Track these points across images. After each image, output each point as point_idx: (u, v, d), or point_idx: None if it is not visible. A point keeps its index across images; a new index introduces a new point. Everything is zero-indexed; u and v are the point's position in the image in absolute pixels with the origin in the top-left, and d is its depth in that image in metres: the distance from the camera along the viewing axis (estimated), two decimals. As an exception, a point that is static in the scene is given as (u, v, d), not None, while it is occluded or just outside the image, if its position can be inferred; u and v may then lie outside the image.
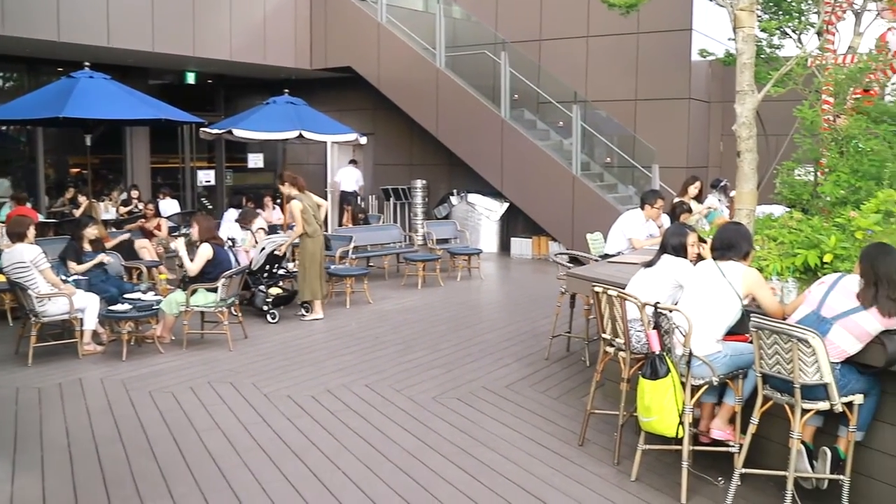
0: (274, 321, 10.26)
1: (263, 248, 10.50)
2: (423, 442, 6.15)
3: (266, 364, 8.31)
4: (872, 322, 4.67)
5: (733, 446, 5.26)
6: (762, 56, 12.27)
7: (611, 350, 5.89)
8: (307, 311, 10.58)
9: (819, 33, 9.31)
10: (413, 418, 6.68)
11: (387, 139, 20.07)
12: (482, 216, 17.53)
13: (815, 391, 4.66)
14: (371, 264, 14.43)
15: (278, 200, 15.03)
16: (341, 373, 7.97)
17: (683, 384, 5.15)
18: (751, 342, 4.95)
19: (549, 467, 5.70)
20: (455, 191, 18.22)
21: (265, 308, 10.38)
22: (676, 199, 10.14)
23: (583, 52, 17.29)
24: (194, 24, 16.52)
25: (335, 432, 6.34)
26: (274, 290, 10.64)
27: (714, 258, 5.43)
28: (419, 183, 18.76)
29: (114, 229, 13.70)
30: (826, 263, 5.69)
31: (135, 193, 16.44)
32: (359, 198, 18.78)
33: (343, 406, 6.97)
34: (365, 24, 18.16)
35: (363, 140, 15.88)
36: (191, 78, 20.03)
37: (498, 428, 6.49)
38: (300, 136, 12.81)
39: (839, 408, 4.70)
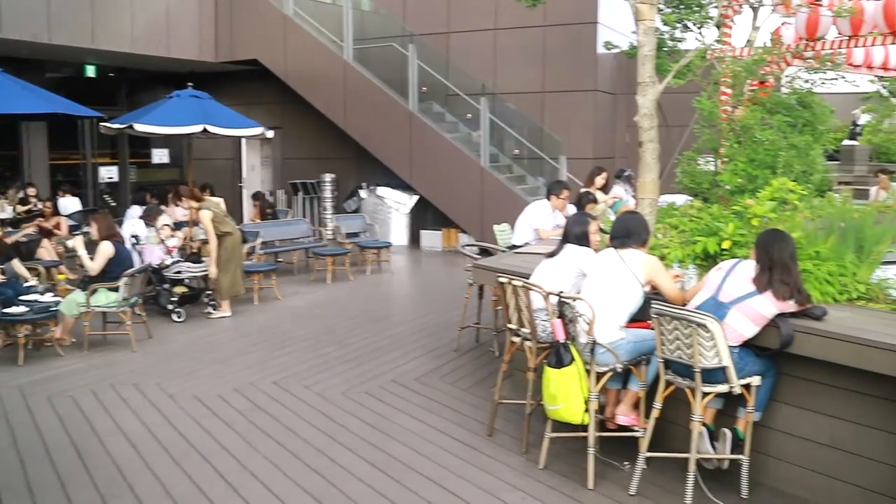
0: (180, 320, 10.04)
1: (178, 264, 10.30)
2: (332, 438, 6.10)
3: (171, 364, 8.12)
4: (768, 306, 4.80)
5: (638, 431, 5.35)
6: (664, 49, 12.51)
7: (517, 340, 5.93)
8: (214, 309, 10.38)
9: (718, 26, 9.51)
10: (322, 414, 6.61)
11: (295, 133, 19.82)
12: (392, 209, 17.48)
13: (714, 374, 4.78)
14: (279, 260, 14.25)
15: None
16: (249, 371, 7.85)
17: (588, 372, 5.22)
18: (652, 329, 5.05)
19: (458, 458, 5.71)
20: (364, 184, 18.13)
21: (170, 307, 10.14)
22: (583, 190, 10.28)
23: (490, 45, 17.38)
24: (93, 14, 15.98)
25: (243, 432, 6.23)
26: (179, 289, 10.40)
27: (614, 247, 5.51)
28: (328, 177, 18.58)
29: (10, 228, 13.18)
30: (725, 250, 5.82)
31: (31, 191, 15.83)
32: (266, 193, 18.51)
33: (251, 405, 6.86)
34: (272, 16, 17.88)
35: (270, 134, 15.61)
36: (91, 71, 19.38)
37: (407, 421, 6.47)
38: (204, 130, 12.52)
39: (738, 390, 4.84)
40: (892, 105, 22.54)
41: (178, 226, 12.77)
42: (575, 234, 6.01)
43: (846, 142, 18.88)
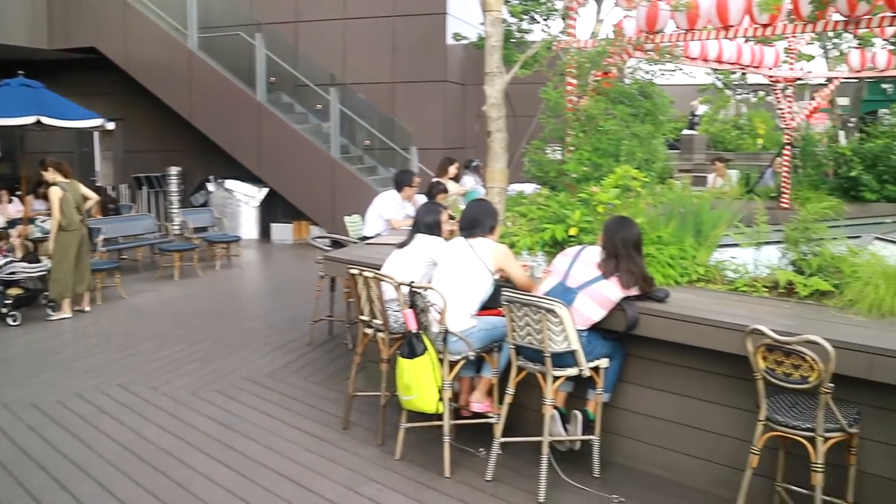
0: (15, 323, 9.45)
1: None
2: (182, 440, 5.88)
3: (7, 371, 7.62)
4: (613, 290, 4.93)
5: (492, 417, 5.39)
6: (511, 40, 12.67)
7: (370, 331, 5.87)
8: (54, 311, 9.84)
9: (563, 18, 9.70)
10: (171, 416, 6.37)
11: (137, 125, 19.04)
12: (241, 203, 17.09)
13: (564, 358, 4.86)
14: (123, 257, 13.66)
15: (17, 192, 13.86)
16: (92, 374, 7.47)
17: (441, 361, 5.22)
18: (503, 316, 5.09)
19: (313, 454, 5.62)
20: (212, 177, 17.62)
21: (4, 310, 9.55)
22: (433, 179, 10.30)
23: (340, 35, 17.21)
24: None
25: (86, 438, 5.92)
26: (14, 291, 9.79)
27: (463, 236, 5.52)
28: (174, 170, 17.93)
29: None
30: (572, 237, 5.94)
31: None
32: (108, 187, 17.75)
33: (94, 409, 6.52)
34: (110, 1, 17.09)
35: (110, 126, 14.93)
36: None
37: (260, 418, 6.32)
38: (38, 122, 11.86)
39: (587, 372, 4.94)
40: (727, 96, 23.69)
41: (11, 224, 12.07)
42: (426, 223, 5.99)
43: (685, 131, 19.71)
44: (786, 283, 5.18)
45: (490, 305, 5.46)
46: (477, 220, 5.53)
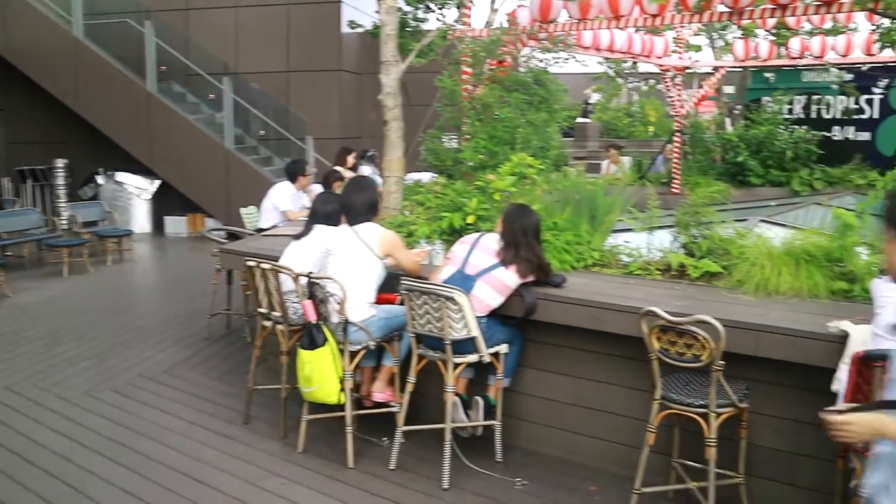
0: None
1: None
2: (76, 441, 5.68)
3: None
4: (512, 277, 4.99)
5: (394, 406, 5.39)
6: (407, 29, 12.68)
7: (269, 324, 5.80)
8: (-69, 311, 9.40)
9: (458, 7, 9.74)
10: (64, 417, 6.15)
11: (20, 115, 18.24)
12: (132, 195, 16.58)
13: (464, 345, 4.89)
14: (8, 253, 13.12)
15: None
16: (-25, 376, 7.16)
17: (342, 351, 5.19)
18: (403, 304, 5.09)
19: (214, 450, 5.52)
20: (101, 170, 17.04)
21: None
22: (332, 168, 10.22)
23: (232, 23, 16.87)
24: None
25: (-31, 445, 5.68)
26: None
27: (348, 224, 5.49)
28: (60, 162, 17.27)
29: None
30: (470, 225, 5.98)
31: None
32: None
33: (-22, 413, 6.26)
34: (-14, -14, 16.35)
35: (-10, 116, 14.37)
36: None
37: (158, 416, 6.17)
38: None
39: (487, 359, 4.98)
40: (619, 85, 24.23)
41: None
42: (323, 213, 5.94)
43: (580, 119, 20.07)
44: (678, 266, 5.34)
45: (386, 289, 5.45)
46: (352, 205, 5.48)
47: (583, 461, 5.25)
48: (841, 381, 3.93)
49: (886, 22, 6.44)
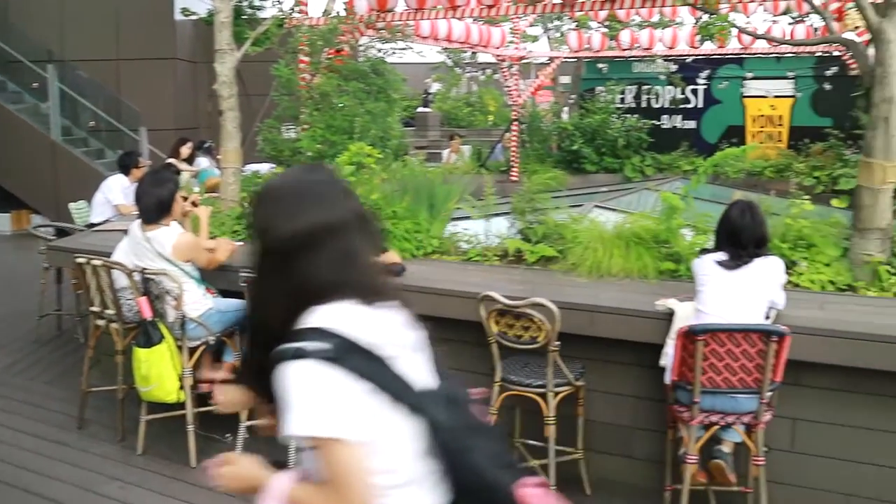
0: None
1: None
2: None
3: None
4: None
5: (237, 401, 5.28)
6: (243, 16, 12.37)
7: (102, 323, 5.56)
8: None
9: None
10: None
11: None
12: (-50, 192, 15.57)
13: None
14: None
15: None
16: None
17: (180, 348, 5.04)
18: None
19: (47, 458, 5.25)
20: (-87, 165, 15.93)
21: None
22: (167, 161, 9.91)
23: (57, 8, 16.02)
24: None
25: None
26: None
27: (142, 224, 5.22)
28: None
29: None
30: (309, 215, 5.92)
31: None
32: None
33: None
34: None
35: None
36: None
37: (-18, 425, 5.82)
38: None
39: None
40: (458, 75, 24.53)
41: None
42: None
43: (420, 109, 20.20)
44: (515, 251, 5.48)
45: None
46: (140, 202, 5.18)
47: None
48: (668, 355, 4.14)
49: (706, 16, 6.80)
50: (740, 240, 4.13)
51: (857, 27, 7.15)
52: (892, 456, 4.28)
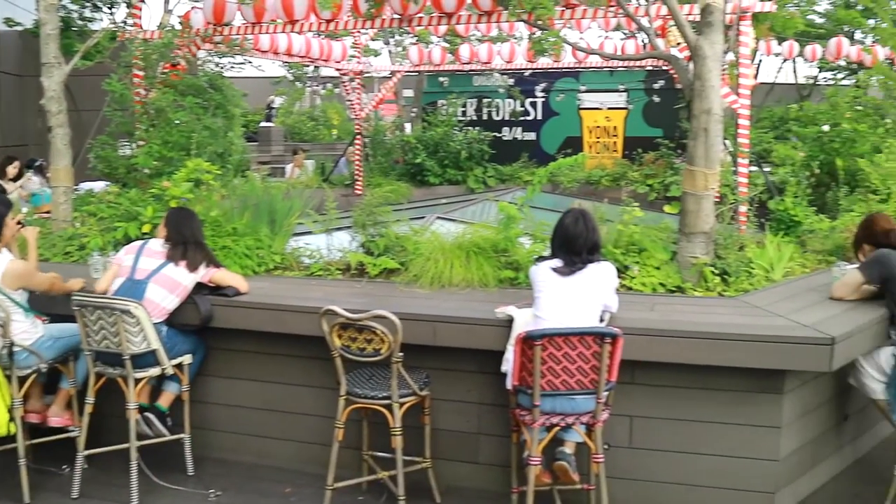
0: None
1: None
2: None
3: None
4: (182, 273, 4.92)
5: (74, 431, 5.06)
6: (73, 28, 11.89)
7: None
8: None
9: (128, 6, 9.29)
10: None
11: None
12: None
13: (145, 359, 4.71)
14: None
15: None
16: None
17: (8, 377, 4.78)
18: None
19: None
20: None
21: None
22: (-8, 182, 9.41)
23: None
24: None
25: None
26: None
27: None
28: None
29: None
30: (146, 234, 5.76)
31: None
32: None
33: None
34: None
35: None
36: None
37: None
38: None
39: (170, 371, 4.83)
40: (301, 89, 24.36)
41: None
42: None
43: (263, 124, 19.94)
44: (357, 265, 5.50)
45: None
46: None
47: (277, 464, 5.24)
48: (509, 361, 4.25)
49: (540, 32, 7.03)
50: (574, 247, 4.29)
51: (678, 43, 7.52)
52: (720, 446, 4.55)
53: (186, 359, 4.95)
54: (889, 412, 4.69)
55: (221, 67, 8.88)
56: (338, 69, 13.57)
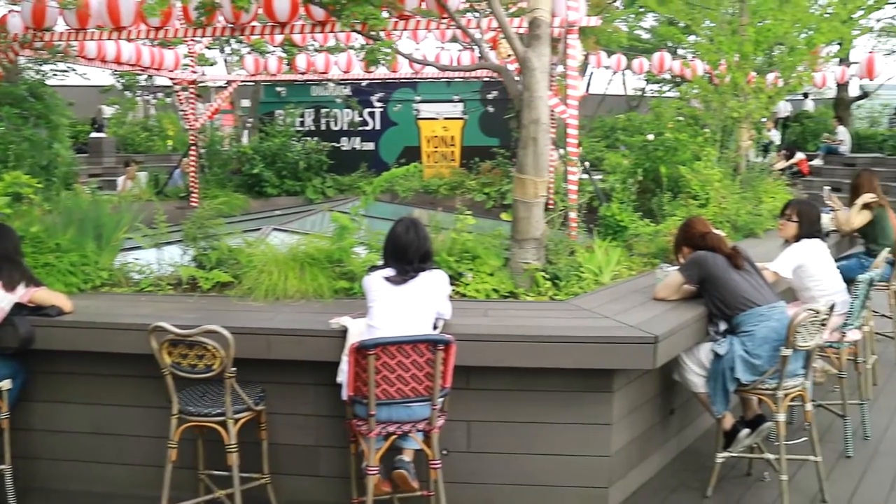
0: None
1: None
2: None
3: None
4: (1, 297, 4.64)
5: None
6: None
7: None
8: None
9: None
10: None
11: None
12: None
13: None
14: None
15: None
16: None
17: None
18: None
19: None
20: None
21: None
22: None
23: None
24: None
25: None
26: None
27: None
28: None
29: None
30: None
31: None
32: None
33: None
34: None
35: None
36: None
37: None
38: None
39: (-11, 397, 4.58)
40: (134, 99, 23.54)
41: None
42: None
43: (93, 134, 19.11)
44: (189, 279, 5.37)
45: None
46: None
47: (110, 490, 5.03)
48: (344, 372, 4.25)
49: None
50: (406, 255, 4.34)
51: (509, 55, 7.73)
52: (554, 445, 4.71)
53: (5, 384, 4.67)
54: (710, 404, 4.94)
55: (43, 75, 8.48)
56: (171, 78, 13.21)
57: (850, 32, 11.12)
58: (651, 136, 9.94)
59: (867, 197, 7.41)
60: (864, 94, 23.95)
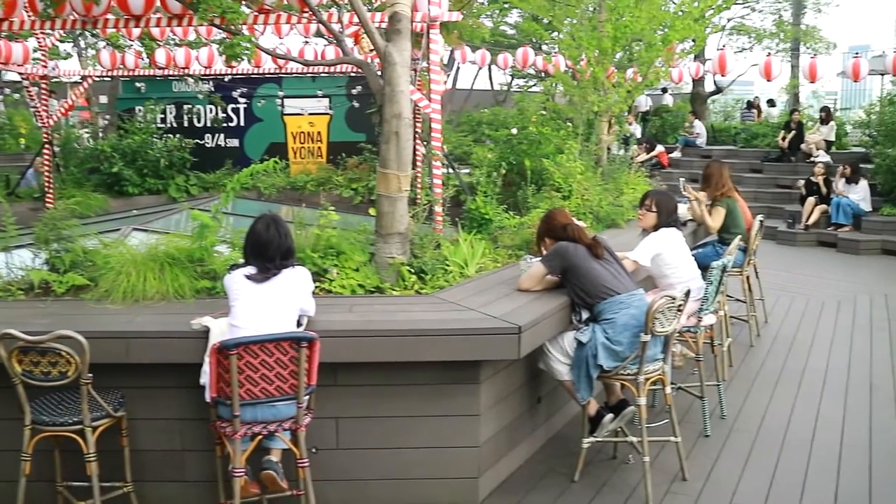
0: None
1: None
2: None
3: None
4: None
5: None
6: None
7: None
8: None
9: None
10: None
11: None
12: None
13: None
14: None
15: None
16: None
17: None
18: None
19: None
20: None
21: None
22: None
23: None
24: None
25: None
26: None
27: None
28: None
29: None
30: None
31: None
32: None
33: None
34: None
35: None
36: None
37: None
38: None
39: None
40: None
41: None
42: None
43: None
44: (41, 283, 5.13)
45: None
46: None
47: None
48: (206, 373, 4.16)
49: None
50: (267, 253, 4.28)
51: (372, 50, 7.72)
52: (424, 438, 4.73)
53: None
54: (574, 392, 5.07)
55: None
56: (20, 73, 12.61)
57: (702, 30, 11.61)
58: (515, 130, 10.11)
59: (702, 196, 7.76)
60: (719, 90, 25.10)
